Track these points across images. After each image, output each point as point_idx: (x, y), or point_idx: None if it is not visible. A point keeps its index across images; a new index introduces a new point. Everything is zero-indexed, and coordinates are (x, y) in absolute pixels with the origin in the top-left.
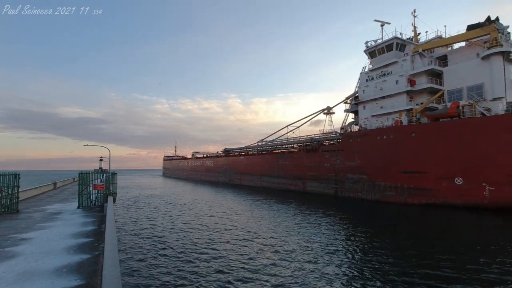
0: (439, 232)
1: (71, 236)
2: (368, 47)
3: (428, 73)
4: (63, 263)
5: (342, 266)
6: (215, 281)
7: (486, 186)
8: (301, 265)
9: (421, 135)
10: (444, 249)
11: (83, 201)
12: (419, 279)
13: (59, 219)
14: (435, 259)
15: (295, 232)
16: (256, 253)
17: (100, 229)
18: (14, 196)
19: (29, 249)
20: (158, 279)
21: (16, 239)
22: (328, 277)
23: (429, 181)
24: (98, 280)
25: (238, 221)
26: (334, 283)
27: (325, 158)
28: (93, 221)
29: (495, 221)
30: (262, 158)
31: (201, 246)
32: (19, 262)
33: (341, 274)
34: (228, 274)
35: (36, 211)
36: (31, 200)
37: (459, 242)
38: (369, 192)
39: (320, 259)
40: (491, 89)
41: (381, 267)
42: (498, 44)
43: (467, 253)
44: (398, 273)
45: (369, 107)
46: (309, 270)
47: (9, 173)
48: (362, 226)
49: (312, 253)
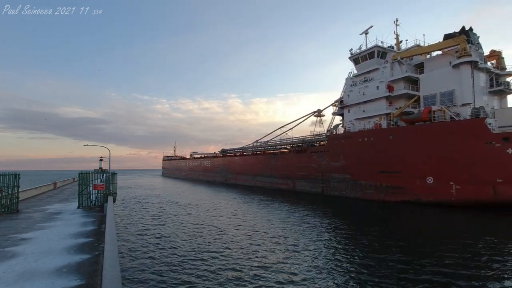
0: (409, 226)
1: (71, 236)
2: (352, 54)
3: (406, 79)
4: (63, 263)
5: (323, 258)
6: (215, 281)
7: (453, 185)
8: (290, 259)
9: (397, 137)
10: (412, 241)
11: (83, 201)
12: (390, 266)
13: (59, 219)
14: (404, 248)
15: (279, 229)
16: (249, 249)
17: (100, 229)
18: (14, 196)
19: (29, 249)
20: (158, 279)
21: (16, 239)
22: (307, 264)
23: (404, 180)
24: (98, 280)
25: (233, 219)
26: (310, 270)
27: (312, 159)
28: (93, 221)
29: (460, 217)
30: (256, 159)
31: (201, 245)
32: (19, 262)
33: (321, 264)
34: (228, 273)
35: (36, 211)
36: (31, 200)
37: (425, 234)
38: (351, 191)
39: (304, 252)
40: (460, 95)
41: (359, 259)
42: (467, 54)
43: (431, 245)
44: (374, 262)
45: (353, 110)
46: (295, 263)
47: (9, 173)
48: (343, 221)
49: (298, 247)
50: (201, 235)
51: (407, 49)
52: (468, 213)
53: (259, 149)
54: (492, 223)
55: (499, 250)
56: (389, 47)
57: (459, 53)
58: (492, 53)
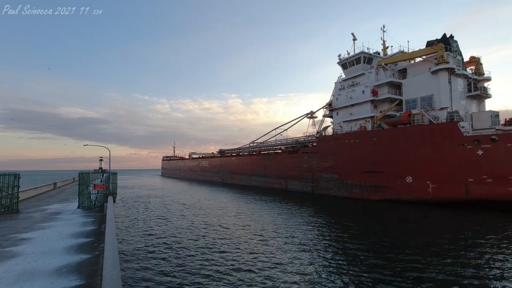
0: (387, 221)
1: (71, 236)
2: (340, 60)
3: (389, 84)
4: (63, 263)
5: (308, 251)
6: (215, 280)
7: (429, 184)
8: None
9: (379, 139)
10: (389, 234)
11: (83, 201)
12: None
13: (59, 219)
14: (381, 241)
15: (272, 226)
16: (244, 245)
17: (100, 229)
18: (14, 196)
19: (29, 249)
20: (158, 279)
21: (16, 239)
22: (294, 258)
23: (386, 179)
24: (98, 280)
25: (229, 217)
26: (294, 262)
27: (303, 159)
28: (93, 221)
29: (435, 213)
30: (251, 159)
31: (201, 244)
32: (19, 262)
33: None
34: (228, 273)
35: (36, 211)
36: (31, 200)
37: (402, 229)
38: (339, 190)
39: (292, 248)
40: (439, 100)
41: (345, 251)
42: (444, 61)
43: (404, 239)
44: (358, 253)
45: (341, 113)
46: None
47: (9, 173)
48: (331, 218)
49: (285, 242)
50: (201, 234)
51: (391, 55)
52: (441, 210)
53: (255, 150)
54: (465, 220)
55: (475, 245)
56: (375, 53)
57: (437, 60)
58: (472, 59)
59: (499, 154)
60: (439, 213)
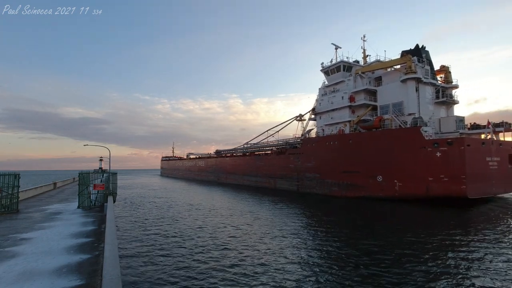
0: (358, 215)
1: (71, 236)
2: (323, 68)
3: (366, 91)
4: (63, 263)
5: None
6: (216, 280)
7: (396, 182)
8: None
9: (355, 142)
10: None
11: (83, 201)
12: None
13: (59, 219)
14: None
15: (259, 220)
16: (238, 242)
17: (100, 229)
18: (14, 196)
19: (29, 249)
20: (158, 279)
21: (16, 239)
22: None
23: (361, 179)
24: (98, 280)
25: (226, 216)
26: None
27: (290, 160)
28: (93, 221)
29: (402, 208)
30: (243, 160)
31: (201, 244)
32: (19, 262)
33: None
34: (228, 270)
35: (36, 211)
36: (31, 200)
37: (372, 221)
38: (320, 188)
39: (277, 239)
40: (407, 106)
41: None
42: (412, 71)
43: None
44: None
45: (324, 117)
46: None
47: (9, 173)
48: (311, 213)
49: (274, 235)
50: (200, 233)
51: (369, 63)
52: (407, 205)
53: (248, 151)
54: (426, 214)
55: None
56: (354, 61)
57: (406, 70)
58: (442, 68)
59: (454, 156)
60: (403, 208)
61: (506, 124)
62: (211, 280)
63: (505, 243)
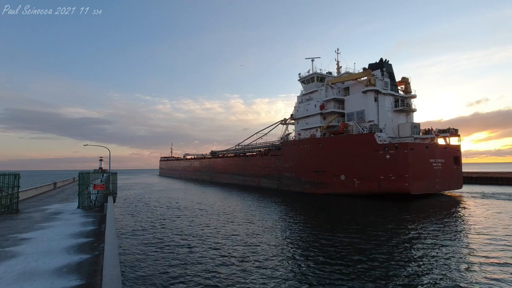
0: (323, 208)
1: (71, 236)
2: (300, 78)
3: (335, 100)
4: (63, 263)
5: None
6: (217, 279)
7: (355, 180)
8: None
9: (323, 145)
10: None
11: (83, 201)
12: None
13: (59, 219)
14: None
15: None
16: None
17: (100, 229)
18: (14, 196)
19: (29, 249)
20: (158, 279)
21: (16, 239)
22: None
23: (327, 177)
24: (98, 280)
25: (221, 213)
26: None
27: (271, 161)
28: (93, 221)
29: (359, 203)
30: (233, 160)
31: (201, 243)
32: (19, 262)
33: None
34: (228, 269)
35: (36, 211)
36: (31, 200)
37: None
38: (296, 186)
39: (258, 230)
40: (367, 114)
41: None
42: (371, 84)
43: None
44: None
45: (300, 122)
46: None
47: (9, 173)
48: (287, 206)
49: (256, 227)
50: (199, 233)
51: (339, 75)
52: (361, 201)
53: (239, 152)
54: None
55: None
56: (327, 73)
57: (366, 83)
58: (402, 79)
59: (399, 158)
60: (358, 202)
61: (452, 130)
62: (211, 280)
63: (423, 224)
